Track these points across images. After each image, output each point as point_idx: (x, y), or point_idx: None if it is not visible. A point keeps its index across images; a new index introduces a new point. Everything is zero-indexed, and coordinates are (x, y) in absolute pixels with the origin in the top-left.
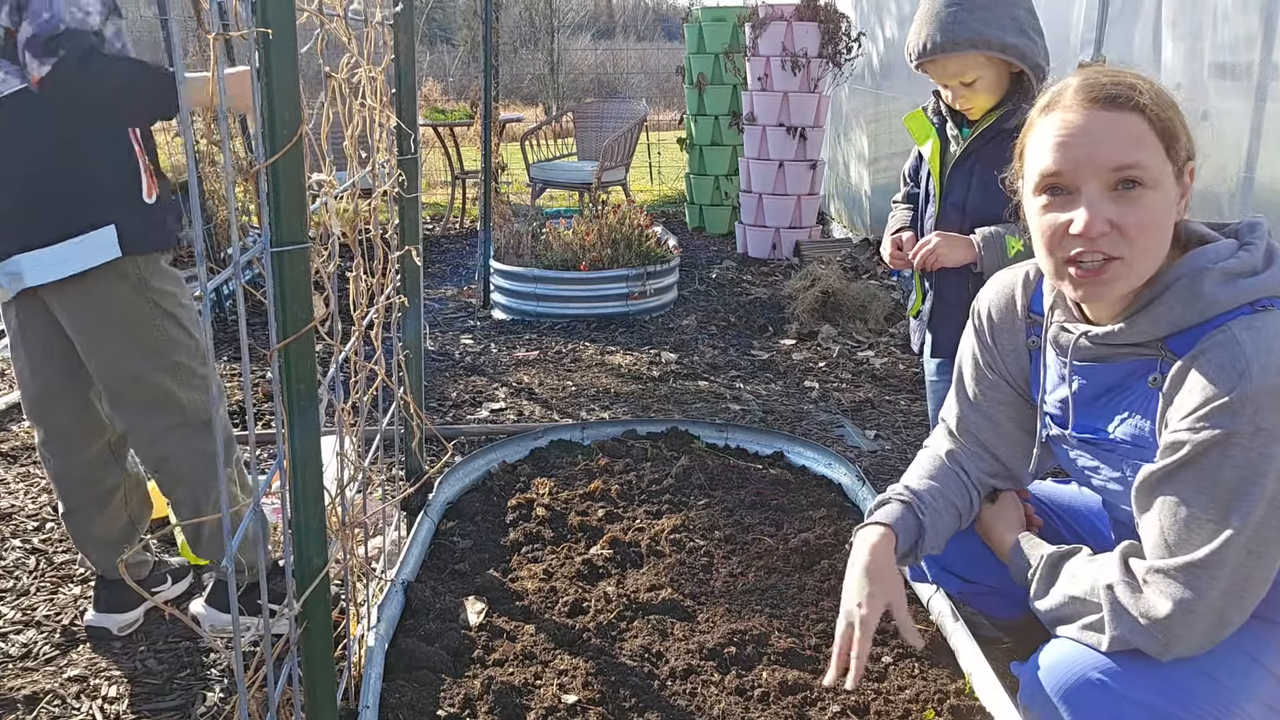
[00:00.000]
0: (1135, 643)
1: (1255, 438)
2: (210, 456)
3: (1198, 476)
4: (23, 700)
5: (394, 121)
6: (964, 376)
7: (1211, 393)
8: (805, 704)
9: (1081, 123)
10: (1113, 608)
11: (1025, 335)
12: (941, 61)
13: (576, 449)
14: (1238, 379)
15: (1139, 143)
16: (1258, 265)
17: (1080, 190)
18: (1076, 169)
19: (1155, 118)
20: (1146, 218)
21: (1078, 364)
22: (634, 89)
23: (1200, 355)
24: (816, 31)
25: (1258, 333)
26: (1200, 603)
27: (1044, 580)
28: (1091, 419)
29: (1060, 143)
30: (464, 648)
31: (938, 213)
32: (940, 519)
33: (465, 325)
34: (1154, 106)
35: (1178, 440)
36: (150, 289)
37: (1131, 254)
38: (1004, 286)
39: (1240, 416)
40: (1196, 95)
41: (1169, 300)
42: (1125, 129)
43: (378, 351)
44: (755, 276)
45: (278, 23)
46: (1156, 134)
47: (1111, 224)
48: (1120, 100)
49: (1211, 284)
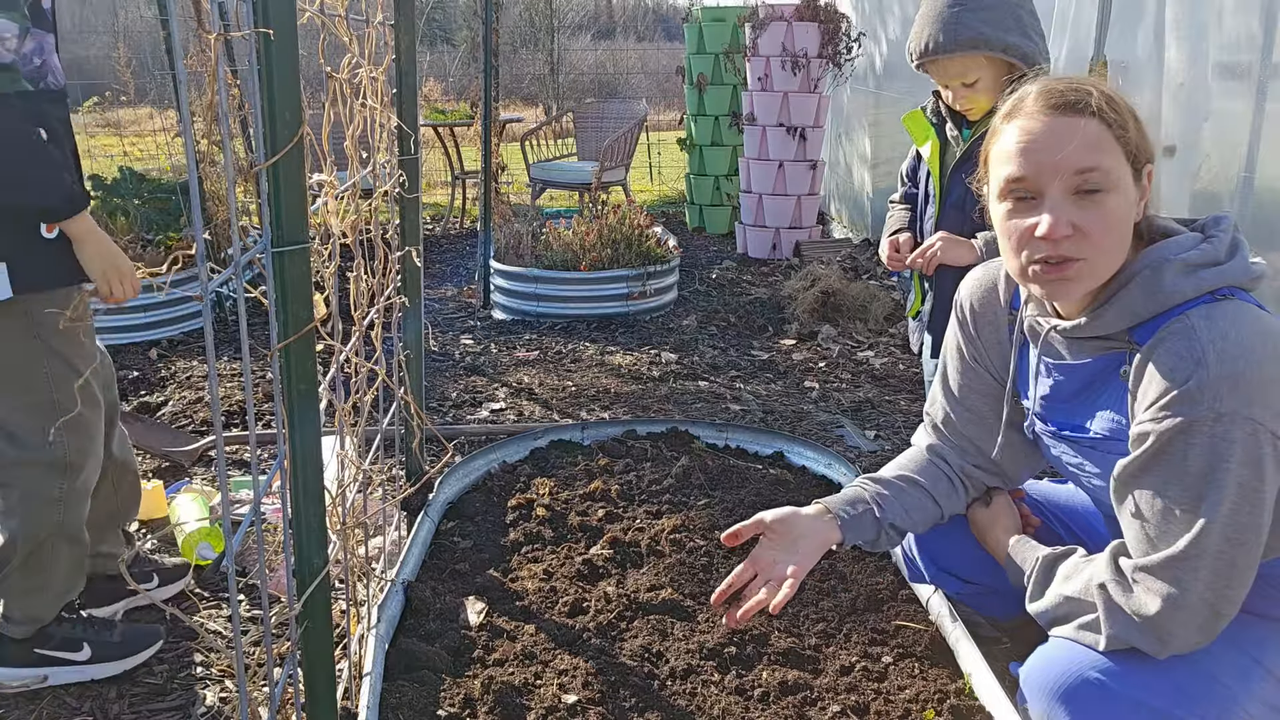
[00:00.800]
0: (1131, 641)
1: (1217, 423)
2: (54, 503)
3: (1166, 467)
4: (23, 700)
5: (394, 122)
6: (948, 369)
7: (1171, 381)
8: (805, 704)
9: (1042, 129)
10: (1107, 607)
11: (1008, 329)
12: (943, 62)
13: (576, 449)
14: (1195, 366)
15: (1098, 146)
16: (1220, 256)
17: (1043, 195)
18: (1039, 173)
19: (1113, 122)
20: (1108, 219)
21: (1053, 362)
22: (634, 89)
23: (1158, 345)
24: (816, 31)
25: (1214, 320)
26: (1187, 596)
27: (1039, 582)
28: (1072, 416)
29: (1023, 148)
30: (464, 648)
31: (937, 213)
32: (905, 495)
33: (465, 325)
34: (1111, 111)
35: (1143, 432)
36: (43, 328)
37: (1093, 254)
38: (986, 279)
39: (1199, 404)
40: (1198, 95)
41: (1132, 291)
42: (1085, 133)
43: (378, 351)
44: (755, 276)
45: (278, 23)
46: (1114, 137)
47: (1074, 226)
48: (1079, 106)
49: (1172, 275)
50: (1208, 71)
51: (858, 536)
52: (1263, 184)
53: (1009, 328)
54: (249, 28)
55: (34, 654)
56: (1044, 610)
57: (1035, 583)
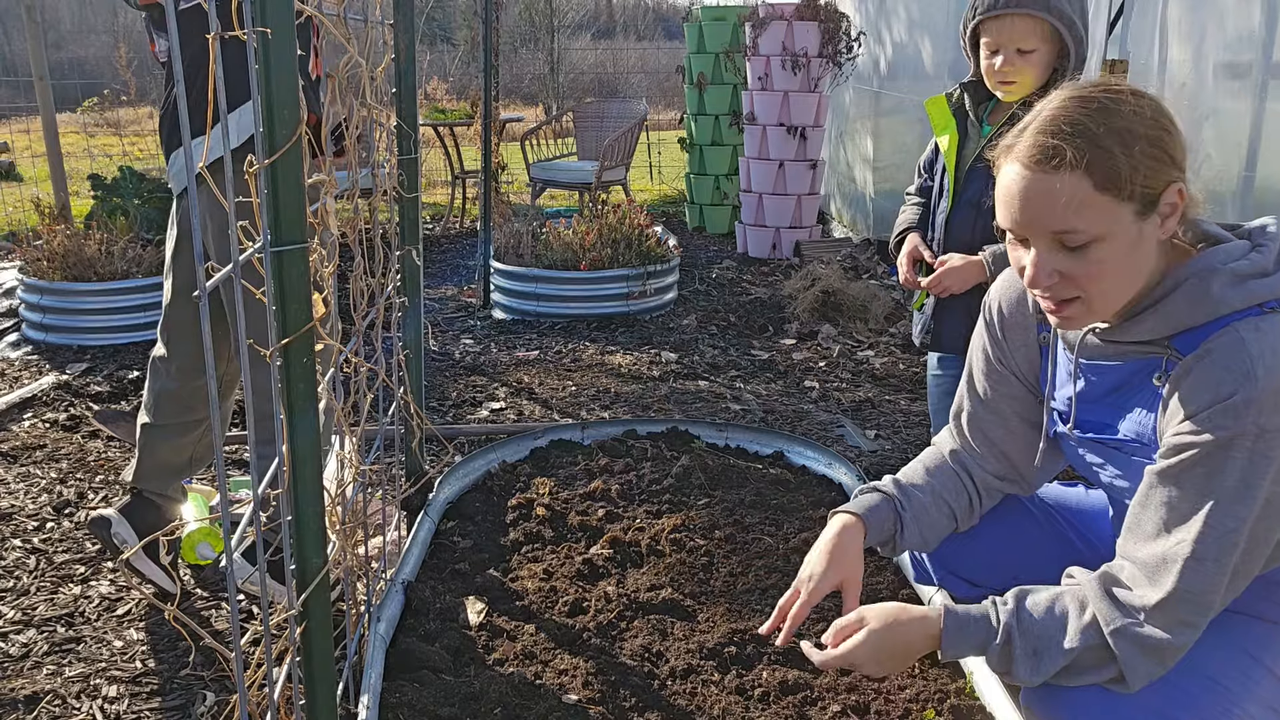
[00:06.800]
0: (1149, 677)
1: (1259, 440)
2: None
3: (1201, 478)
4: (23, 700)
5: (394, 121)
6: (974, 371)
7: (1216, 394)
8: (805, 704)
9: (1018, 187)
10: (1124, 655)
11: (1036, 331)
12: (1011, 19)
13: (576, 449)
14: (1243, 380)
15: (1074, 205)
16: (1268, 267)
17: (1030, 240)
18: (1020, 229)
19: (1098, 168)
20: (1095, 269)
21: (1086, 361)
22: (634, 89)
23: (1205, 356)
24: (817, 31)
25: (1263, 334)
26: (1200, 620)
27: (1025, 651)
28: (1099, 416)
29: (1005, 201)
30: (464, 648)
31: (950, 208)
32: (927, 516)
33: (465, 325)
34: (1095, 158)
35: (1181, 443)
36: None
37: (1088, 296)
38: (1016, 282)
39: (1244, 418)
40: (1201, 95)
41: (1177, 299)
42: (1058, 194)
43: (378, 351)
44: (755, 276)
45: (277, 23)
46: (1096, 187)
47: (1060, 275)
48: (1055, 161)
49: (1220, 285)
50: (1208, 71)
51: (875, 540)
52: (1263, 184)
53: (1037, 328)
54: (248, 27)
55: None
56: (1050, 673)
57: (1022, 653)
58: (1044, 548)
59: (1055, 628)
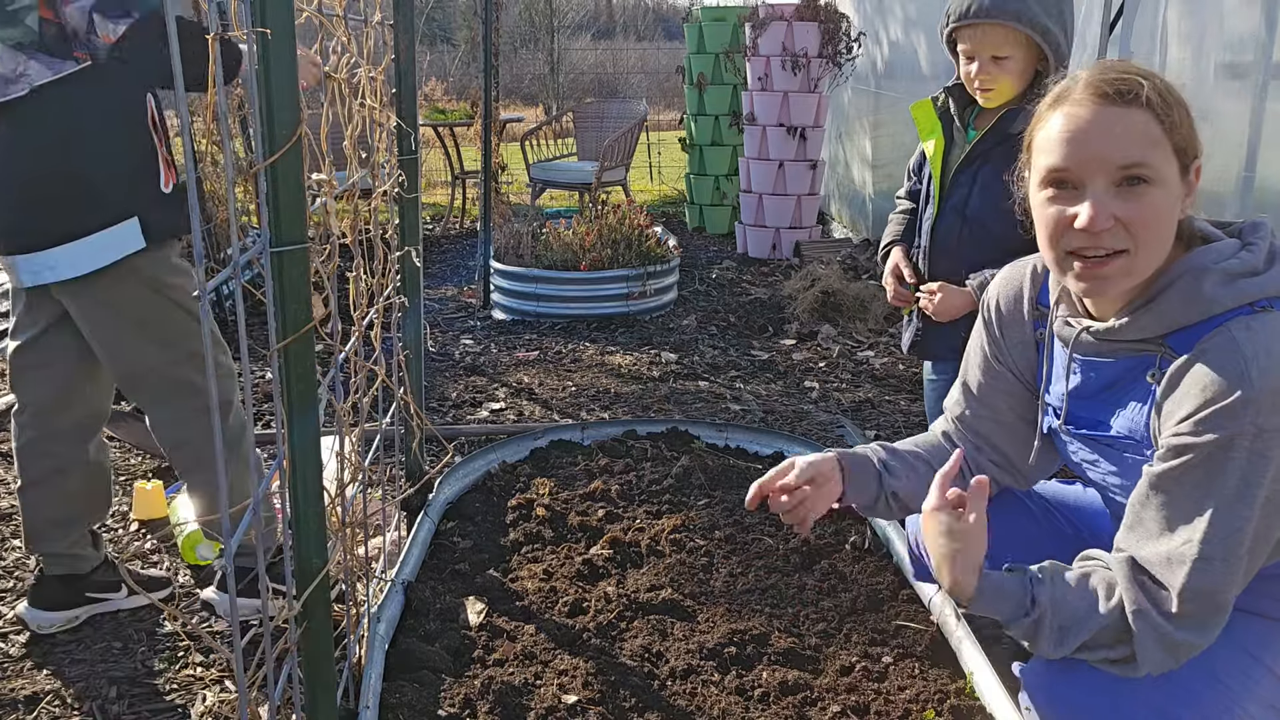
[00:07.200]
0: (1159, 666)
1: (1257, 440)
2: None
3: (1200, 480)
4: (23, 700)
5: (394, 121)
6: (970, 367)
7: (1212, 395)
8: (805, 704)
9: (1090, 118)
10: (1141, 639)
11: (1033, 328)
12: (983, 28)
13: (576, 449)
14: (1238, 381)
15: (1146, 140)
16: (1259, 266)
17: (1086, 185)
18: (1083, 165)
19: (1163, 115)
20: (1150, 213)
21: (1081, 358)
22: (634, 89)
23: (1199, 357)
24: (816, 31)
25: (1255, 334)
26: (1216, 619)
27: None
28: (1093, 413)
29: (1068, 138)
30: (464, 648)
31: (936, 214)
32: (912, 471)
33: (465, 325)
34: (1162, 104)
35: (1179, 444)
36: (163, 283)
37: (1135, 248)
38: (1013, 279)
39: (1242, 419)
40: (1201, 95)
41: (1170, 297)
42: (1133, 126)
43: (377, 351)
44: (755, 276)
45: (276, 23)
46: (1163, 131)
47: (1116, 219)
48: (1129, 96)
49: (1212, 284)
50: (1208, 72)
51: (856, 495)
52: (1262, 184)
53: (1034, 325)
54: (247, 28)
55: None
56: (1070, 646)
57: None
58: (1042, 544)
59: (1085, 609)
